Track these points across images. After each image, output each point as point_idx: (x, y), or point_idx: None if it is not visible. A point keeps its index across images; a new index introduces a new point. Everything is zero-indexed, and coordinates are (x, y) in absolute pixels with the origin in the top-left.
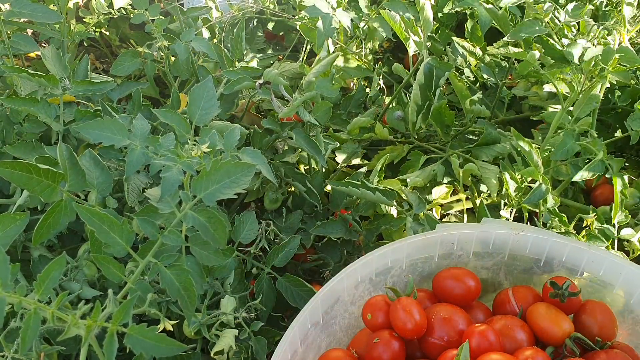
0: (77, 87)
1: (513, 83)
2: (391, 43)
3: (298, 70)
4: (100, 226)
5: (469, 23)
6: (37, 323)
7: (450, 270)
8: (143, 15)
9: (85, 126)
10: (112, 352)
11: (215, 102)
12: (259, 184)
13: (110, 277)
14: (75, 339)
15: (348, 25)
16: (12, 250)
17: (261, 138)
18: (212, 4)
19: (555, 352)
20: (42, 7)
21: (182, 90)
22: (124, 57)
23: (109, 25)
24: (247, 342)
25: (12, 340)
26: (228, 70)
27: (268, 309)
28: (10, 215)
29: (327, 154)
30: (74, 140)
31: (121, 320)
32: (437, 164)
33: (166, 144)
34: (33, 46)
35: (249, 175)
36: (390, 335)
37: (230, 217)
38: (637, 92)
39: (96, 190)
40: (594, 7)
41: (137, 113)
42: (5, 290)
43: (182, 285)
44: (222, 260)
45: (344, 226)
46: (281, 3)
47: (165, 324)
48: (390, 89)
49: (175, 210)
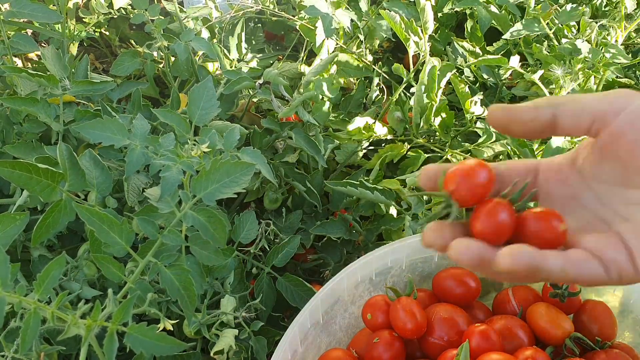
0: (77, 87)
1: (513, 83)
2: (391, 43)
3: (298, 70)
4: (100, 226)
5: (469, 23)
6: (37, 323)
7: (449, 270)
8: (143, 15)
9: (85, 126)
10: (112, 352)
11: (215, 102)
12: (259, 183)
13: (110, 276)
14: (75, 338)
15: (348, 25)
16: (12, 250)
17: (261, 138)
18: (212, 4)
19: (555, 352)
20: (42, 7)
21: (182, 90)
22: (124, 57)
23: (109, 25)
24: (247, 341)
25: (12, 340)
26: (228, 70)
27: (268, 309)
28: (10, 215)
29: (327, 153)
30: (74, 140)
31: (121, 319)
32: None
33: (166, 144)
34: (33, 46)
35: (249, 174)
36: (390, 335)
37: (230, 217)
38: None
39: (96, 190)
40: (594, 7)
41: (137, 113)
42: (5, 290)
43: (182, 285)
44: (222, 260)
45: (344, 226)
46: (281, 3)
47: (165, 324)
48: (390, 89)
49: (175, 210)
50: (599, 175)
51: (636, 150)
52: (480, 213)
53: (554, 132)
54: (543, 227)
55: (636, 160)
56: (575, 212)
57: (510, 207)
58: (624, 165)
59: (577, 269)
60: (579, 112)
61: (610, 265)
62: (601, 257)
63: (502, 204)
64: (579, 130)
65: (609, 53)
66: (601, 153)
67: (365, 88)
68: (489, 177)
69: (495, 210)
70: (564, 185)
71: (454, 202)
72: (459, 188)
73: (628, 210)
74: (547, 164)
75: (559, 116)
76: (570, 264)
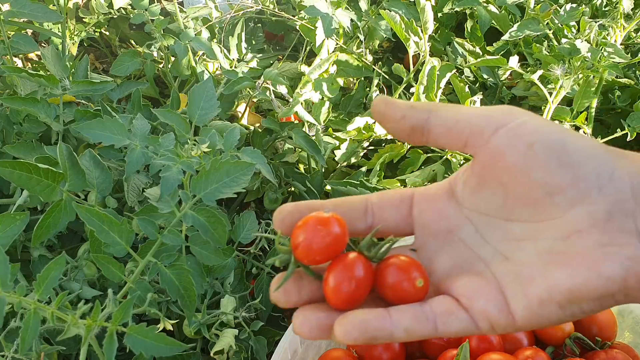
0: (77, 87)
1: (513, 83)
2: (391, 43)
3: (298, 70)
4: (100, 226)
5: (469, 23)
6: (37, 323)
7: None
8: (143, 15)
9: (85, 126)
10: (111, 352)
11: (215, 102)
12: (259, 183)
13: (110, 276)
14: (75, 338)
15: (348, 25)
16: (12, 250)
17: (261, 138)
18: (212, 4)
19: (555, 352)
20: (42, 7)
21: (182, 90)
22: (124, 57)
23: (109, 25)
24: (247, 341)
25: (12, 340)
26: (228, 70)
27: (268, 309)
28: (10, 215)
29: (327, 153)
30: (74, 140)
31: (121, 319)
32: (437, 164)
33: (166, 144)
34: (33, 46)
35: (249, 174)
36: None
37: (230, 217)
38: (637, 92)
39: (96, 190)
40: (593, 7)
41: (137, 113)
42: (5, 290)
43: (182, 285)
44: (222, 260)
45: None
46: (281, 3)
47: (165, 324)
48: (390, 89)
49: (175, 210)
50: (478, 205)
51: (517, 175)
52: (329, 277)
53: (426, 138)
54: (398, 281)
55: (517, 186)
56: (451, 248)
57: (362, 265)
58: (504, 192)
59: (440, 323)
60: (453, 122)
61: (479, 317)
62: (469, 307)
63: (350, 266)
64: (452, 143)
65: (607, 53)
66: (479, 177)
67: (365, 88)
68: (338, 237)
69: (344, 275)
70: (440, 217)
71: (295, 260)
72: (301, 247)
73: (509, 246)
74: (423, 193)
75: (431, 123)
76: (423, 321)
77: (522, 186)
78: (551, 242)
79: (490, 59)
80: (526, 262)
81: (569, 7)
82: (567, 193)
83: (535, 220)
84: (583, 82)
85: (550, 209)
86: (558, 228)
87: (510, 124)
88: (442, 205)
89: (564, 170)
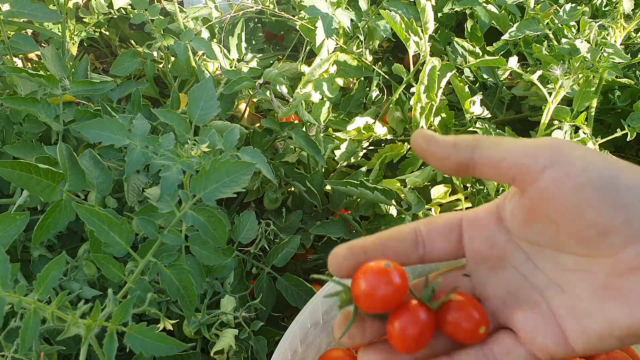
0: (77, 87)
1: (513, 83)
2: (391, 43)
3: (298, 70)
4: (100, 226)
5: (469, 23)
6: (37, 323)
7: None
8: (143, 15)
9: (85, 126)
10: (111, 352)
11: (215, 102)
12: (259, 183)
13: (110, 276)
14: (75, 338)
15: (348, 25)
16: (12, 250)
17: (261, 138)
18: (212, 4)
19: None
20: (42, 7)
21: (182, 90)
22: (124, 57)
23: (109, 25)
24: (247, 341)
25: (12, 340)
26: (228, 70)
27: (268, 309)
28: (10, 215)
29: (327, 153)
30: (74, 140)
31: (121, 319)
32: None
33: (166, 144)
34: (33, 46)
35: (248, 174)
36: None
37: (230, 217)
38: (637, 92)
39: (96, 190)
40: (593, 7)
41: (137, 113)
42: (5, 289)
43: (182, 285)
44: (222, 259)
45: (344, 226)
46: (281, 3)
47: (165, 324)
48: (390, 88)
49: (174, 210)
50: (529, 236)
51: (568, 215)
52: (392, 326)
53: (472, 173)
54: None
55: (569, 225)
56: (504, 275)
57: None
58: (556, 228)
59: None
60: (499, 161)
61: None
62: (529, 342)
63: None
64: (500, 179)
65: (607, 53)
66: (529, 212)
67: (365, 88)
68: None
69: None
70: (491, 244)
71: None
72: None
73: (562, 277)
74: (471, 219)
75: (476, 161)
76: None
77: (574, 225)
78: (605, 277)
79: (490, 59)
80: (582, 296)
81: (568, 7)
82: (620, 233)
83: (588, 255)
84: (583, 82)
85: (603, 247)
86: (612, 265)
87: (557, 164)
88: (491, 232)
89: (616, 211)
